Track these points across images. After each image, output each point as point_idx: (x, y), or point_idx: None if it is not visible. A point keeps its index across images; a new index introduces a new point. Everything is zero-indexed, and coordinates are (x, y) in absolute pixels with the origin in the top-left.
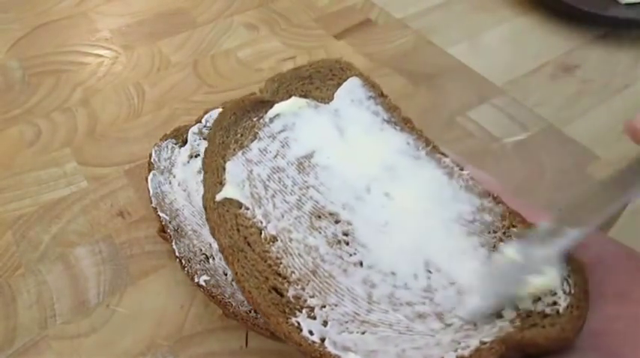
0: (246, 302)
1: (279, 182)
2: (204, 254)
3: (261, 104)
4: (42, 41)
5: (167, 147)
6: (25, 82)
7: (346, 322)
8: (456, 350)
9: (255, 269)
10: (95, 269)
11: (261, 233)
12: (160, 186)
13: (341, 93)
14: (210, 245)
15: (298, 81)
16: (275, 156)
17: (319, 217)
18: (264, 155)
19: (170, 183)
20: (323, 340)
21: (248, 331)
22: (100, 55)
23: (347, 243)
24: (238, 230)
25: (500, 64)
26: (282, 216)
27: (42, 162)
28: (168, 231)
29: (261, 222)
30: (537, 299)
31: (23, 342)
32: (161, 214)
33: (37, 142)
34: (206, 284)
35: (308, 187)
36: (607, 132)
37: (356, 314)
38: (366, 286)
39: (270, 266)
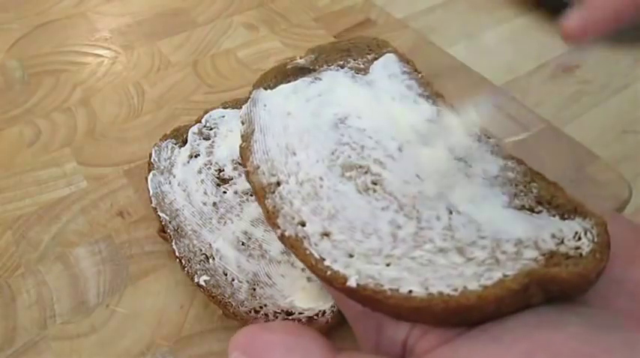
0: (246, 302)
1: (314, 136)
2: (204, 254)
3: (301, 71)
4: (42, 41)
5: (167, 147)
6: (25, 82)
7: (371, 255)
8: (478, 280)
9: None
10: (95, 269)
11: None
12: (159, 186)
13: (377, 66)
14: (210, 245)
15: (337, 53)
16: (310, 115)
17: (350, 169)
18: (300, 113)
19: (170, 183)
20: (346, 267)
21: None
22: (100, 55)
23: (375, 191)
24: (272, 174)
25: (500, 63)
26: (315, 164)
27: (42, 162)
28: (168, 231)
29: (294, 169)
30: (560, 242)
31: (23, 342)
32: (161, 214)
33: (37, 142)
34: (206, 284)
35: (341, 144)
36: (607, 132)
37: (380, 249)
38: (392, 226)
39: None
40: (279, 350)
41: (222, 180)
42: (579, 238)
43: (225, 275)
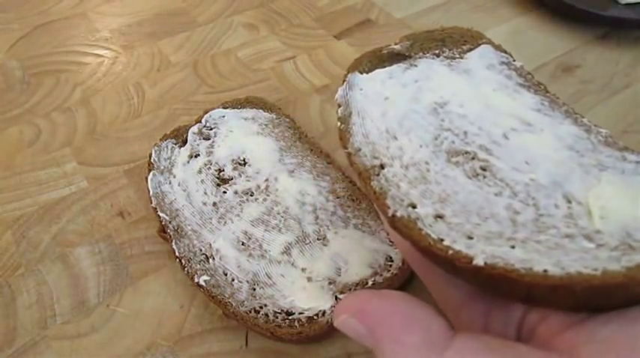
0: (246, 302)
1: (414, 121)
2: (204, 254)
3: (396, 57)
4: (42, 41)
5: (167, 147)
6: (25, 82)
7: (492, 238)
8: (619, 262)
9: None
10: (95, 269)
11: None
12: (159, 186)
13: (473, 56)
14: (210, 245)
15: (431, 41)
16: (409, 101)
17: (456, 154)
18: (398, 98)
19: (170, 183)
20: (469, 248)
21: (248, 331)
22: (100, 55)
23: (485, 177)
24: (375, 156)
25: None
26: (419, 149)
27: (42, 162)
28: (168, 231)
29: (397, 152)
30: None
31: (23, 342)
32: (161, 214)
33: (37, 142)
34: (206, 284)
35: (443, 129)
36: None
37: (501, 233)
38: (509, 212)
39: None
40: (398, 319)
41: (222, 180)
42: None
43: (225, 275)
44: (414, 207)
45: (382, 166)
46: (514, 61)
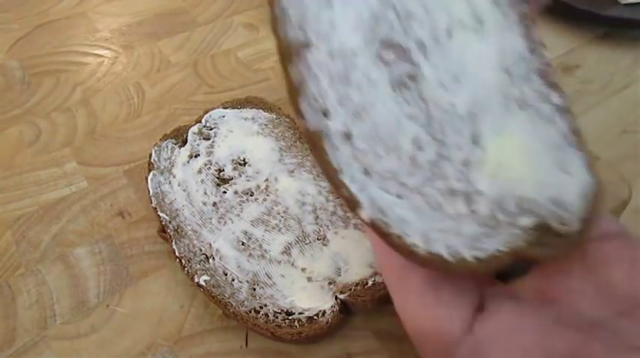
0: (246, 302)
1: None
2: (204, 254)
3: None
4: (42, 41)
5: (167, 147)
6: (25, 82)
7: (386, 179)
8: (474, 249)
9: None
10: (95, 269)
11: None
12: (159, 186)
13: None
14: (210, 245)
15: None
16: None
17: (389, 47)
18: None
19: (170, 183)
20: (361, 190)
21: (248, 331)
22: (100, 55)
23: (408, 90)
24: (301, 27)
25: None
26: (352, 30)
27: (42, 162)
28: (168, 231)
29: (327, 29)
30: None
31: (23, 342)
32: (161, 214)
33: (37, 142)
34: (206, 284)
35: (387, 6)
36: (607, 132)
37: (396, 173)
38: (414, 146)
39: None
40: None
41: (222, 180)
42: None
43: (225, 275)
44: (326, 114)
45: (307, 45)
46: None
